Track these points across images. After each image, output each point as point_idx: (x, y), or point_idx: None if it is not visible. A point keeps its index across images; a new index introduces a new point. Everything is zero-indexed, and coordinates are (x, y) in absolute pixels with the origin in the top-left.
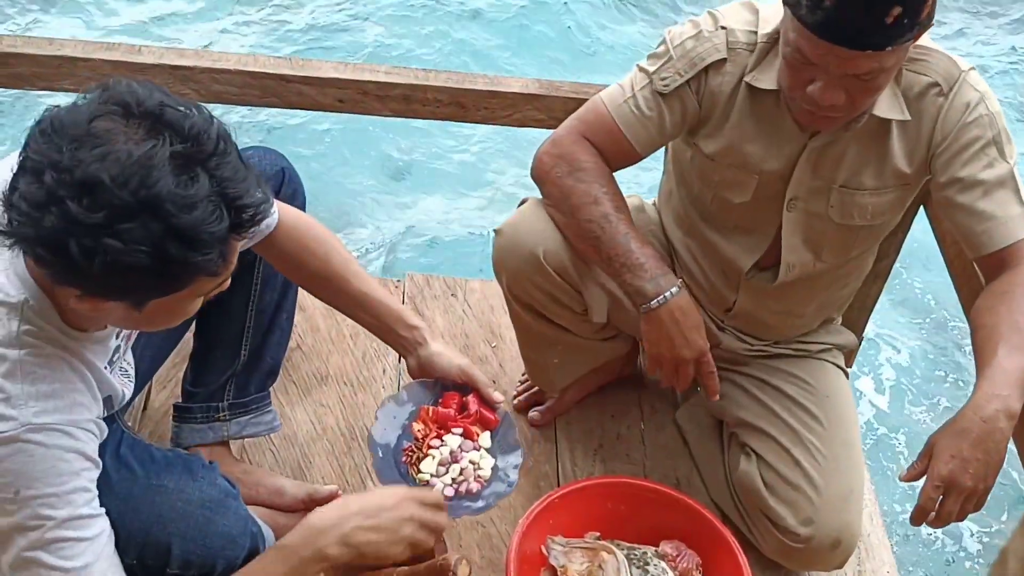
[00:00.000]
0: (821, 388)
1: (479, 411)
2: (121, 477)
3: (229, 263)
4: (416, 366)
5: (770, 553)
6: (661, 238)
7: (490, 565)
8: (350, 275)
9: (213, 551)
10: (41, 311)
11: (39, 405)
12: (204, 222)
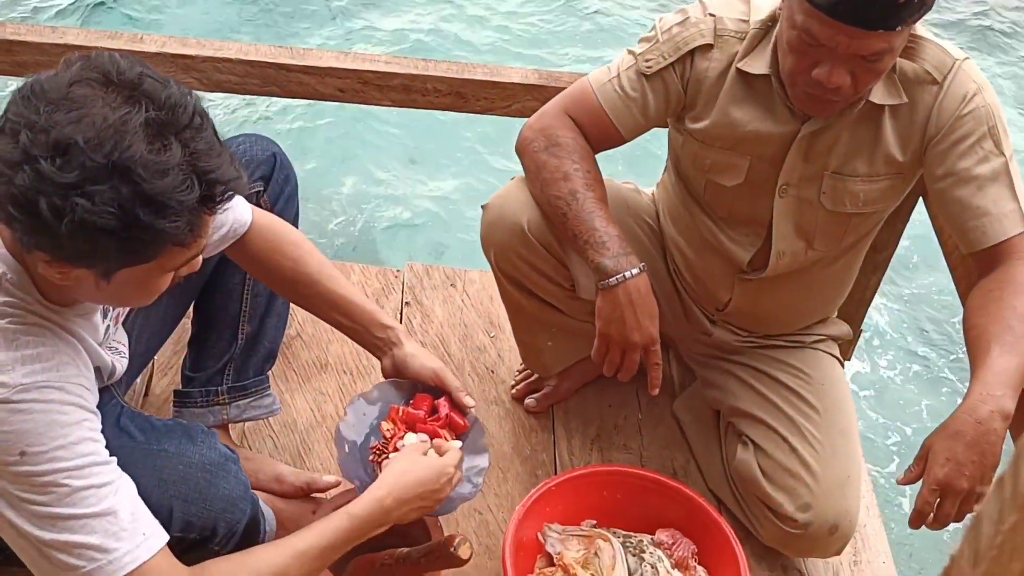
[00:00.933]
0: (817, 376)
1: (449, 415)
2: (121, 444)
3: (199, 236)
4: (390, 367)
5: (768, 540)
6: (656, 229)
7: (487, 551)
8: (324, 278)
9: (214, 513)
10: (20, 284)
11: (26, 367)
12: (174, 189)
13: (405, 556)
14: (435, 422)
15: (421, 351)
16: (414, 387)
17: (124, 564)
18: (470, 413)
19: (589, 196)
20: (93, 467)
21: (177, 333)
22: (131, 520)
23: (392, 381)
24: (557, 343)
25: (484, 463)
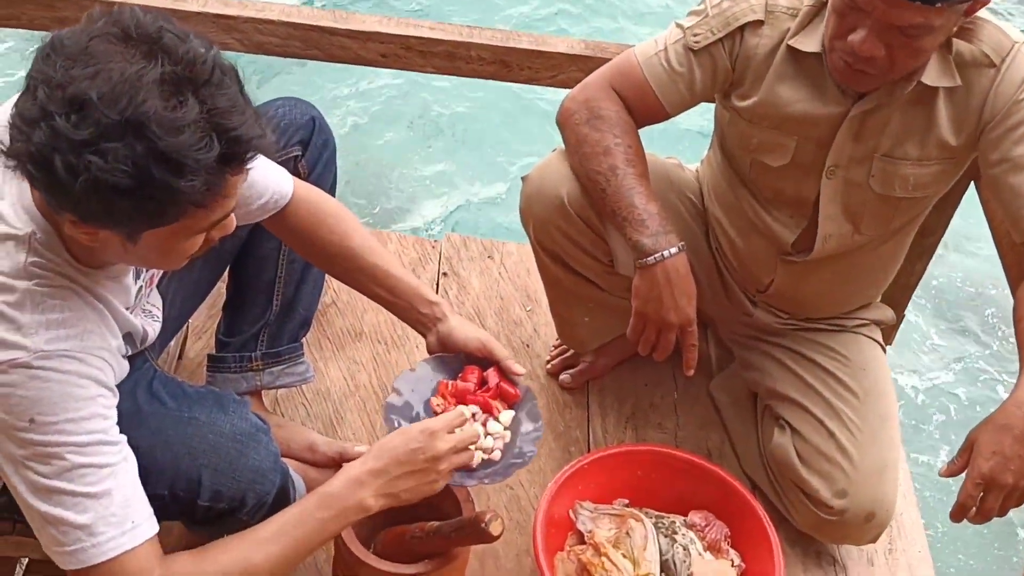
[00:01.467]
0: (857, 361)
1: (499, 385)
2: (153, 410)
3: (222, 196)
4: (435, 342)
5: (803, 526)
6: (699, 206)
7: (517, 527)
8: (366, 252)
9: (243, 484)
10: (49, 244)
11: (50, 333)
12: (190, 147)
13: (435, 530)
14: (485, 393)
15: (466, 323)
16: (461, 360)
17: (106, 550)
18: (521, 382)
19: (629, 172)
20: (99, 446)
21: (212, 297)
22: (123, 506)
23: (438, 356)
24: (594, 319)
25: (537, 433)
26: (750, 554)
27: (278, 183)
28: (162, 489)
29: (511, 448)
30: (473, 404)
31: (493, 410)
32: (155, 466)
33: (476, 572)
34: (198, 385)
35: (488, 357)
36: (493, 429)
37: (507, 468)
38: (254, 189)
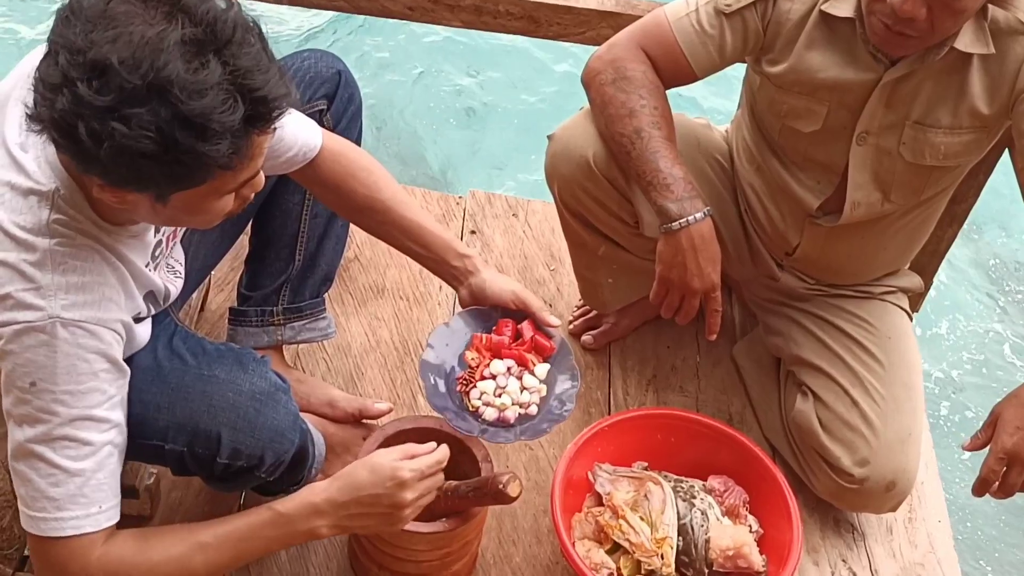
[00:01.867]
0: (883, 329)
1: (534, 338)
2: (173, 367)
3: (248, 158)
4: (468, 296)
5: (823, 493)
6: (727, 167)
7: (536, 487)
8: (397, 204)
9: (261, 443)
10: (72, 201)
11: (69, 298)
12: (214, 110)
13: (454, 489)
14: (520, 347)
15: (498, 275)
16: (495, 313)
17: (65, 527)
18: (556, 334)
19: (655, 135)
20: (88, 421)
21: (235, 250)
22: (95, 489)
23: (472, 310)
24: (617, 280)
25: (574, 387)
26: (768, 520)
27: (306, 136)
28: (181, 445)
29: (547, 402)
30: (508, 358)
31: (528, 364)
32: (174, 423)
33: (493, 531)
34: (219, 342)
35: (522, 309)
36: (529, 383)
37: (545, 424)
38: (282, 143)
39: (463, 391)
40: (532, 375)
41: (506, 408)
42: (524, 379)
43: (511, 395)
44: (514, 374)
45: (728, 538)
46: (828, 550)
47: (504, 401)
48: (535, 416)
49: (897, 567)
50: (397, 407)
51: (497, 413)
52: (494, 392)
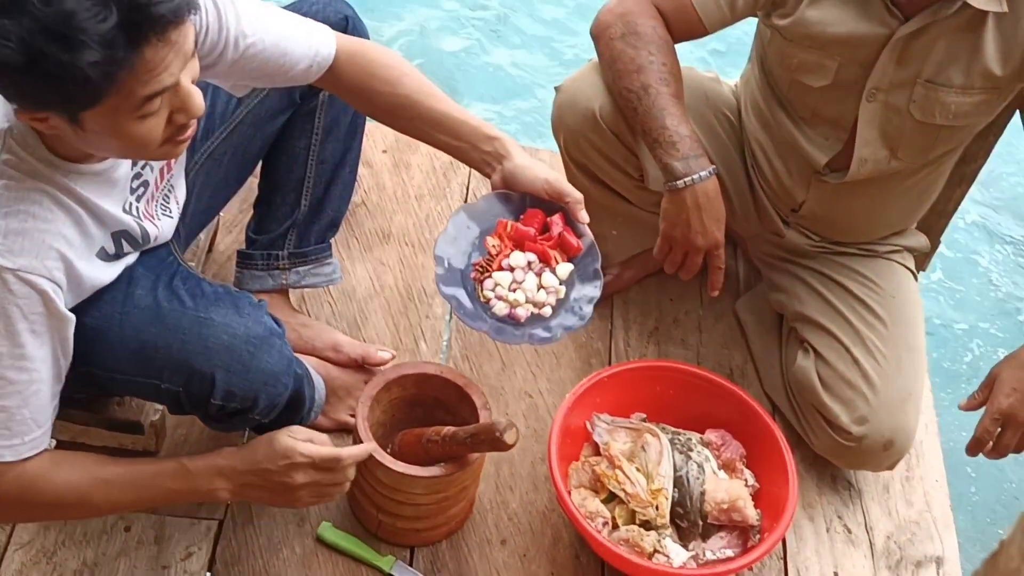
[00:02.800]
0: (887, 288)
1: (561, 234)
2: (172, 308)
3: (143, 71)
4: (500, 182)
5: (821, 450)
6: (735, 123)
7: (534, 435)
8: (424, 97)
9: (255, 386)
10: (24, 141)
11: (6, 243)
12: (74, 16)
13: (451, 436)
14: (546, 241)
15: (533, 162)
16: (525, 202)
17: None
18: (586, 235)
19: (663, 91)
20: (16, 360)
21: (244, 192)
22: (19, 423)
23: (501, 193)
24: (622, 232)
25: (595, 292)
26: (765, 475)
27: (318, 45)
28: (177, 385)
29: (564, 305)
30: (531, 251)
31: (551, 260)
32: (170, 363)
33: (491, 477)
34: (217, 284)
35: (555, 199)
36: (548, 282)
37: (557, 329)
38: (288, 57)
39: (477, 279)
40: (553, 274)
41: (518, 305)
42: (543, 277)
43: (526, 292)
44: (534, 270)
45: (723, 491)
46: (824, 506)
47: (518, 297)
48: (548, 318)
49: (892, 525)
50: (400, 352)
51: (508, 308)
52: (509, 285)
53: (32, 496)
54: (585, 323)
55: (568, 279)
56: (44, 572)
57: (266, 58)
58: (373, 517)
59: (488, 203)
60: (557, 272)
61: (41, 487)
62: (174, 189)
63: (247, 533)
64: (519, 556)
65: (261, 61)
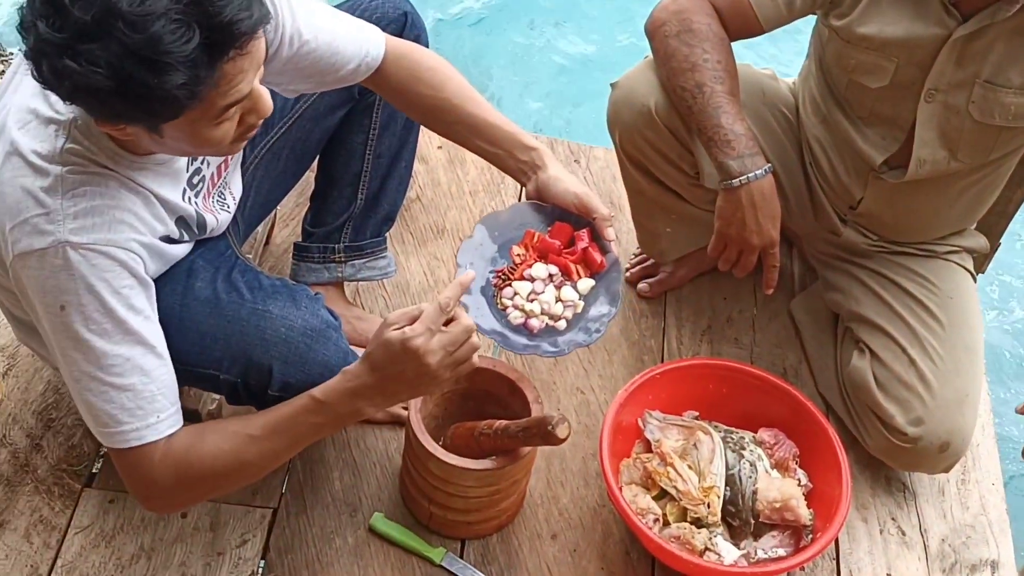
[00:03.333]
0: (945, 289)
1: (586, 249)
2: (230, 300)
3: (225, 84)
4: (533, 191)
5: (875, 451)
6: (792, 120)
7: (585, 431)
8: (464, 101)
9: (311, 377)
10: (88, 132)
11: (77, 223)
12: (162, 42)
13: (503, 429)
14: (569, 255)
15: (567, 175)
16: (555, 214)
17: (129, 439)
18: (610, 253)
19: (717, 89)
20: (125, 336)
21: (301, 185)
22: (149, 400)
23: (531, 203)
24: (676, 230)
25: (610, 310)
26: (818, 475)
27: (368, 46)
28: (235, 376)
29: (578, 321)
30: (554, 264)
31: (573, 275)
32: (229, 354)
33: (542, 471)
34: (275, 277)
35: (583, 214)
36: (567, 296)
37: (566, 345)
38: (340, 56)
39: (497, 285)
40: (573, 288)
41: (533, 316)
42: (563, 291)
43: (543, 304)
44: (554, 282)
45: (776, 490)
46: (878, 508)
47: (533, 308)
48: (561, 332)
49: (947, 528)
50: None
51: (523, 318)
52: (527, 295)
53: (188, 473)
54: (595, 340)
55: (588, 295)
56: (103, 556)
57: (318, 56)
58: (425, 509)
59: (516, 212)
60: (577, 287)
61: (194, 461)
62: (229, 184)
63: (300, 522)
64: (569, 551)
65: (313, 59)
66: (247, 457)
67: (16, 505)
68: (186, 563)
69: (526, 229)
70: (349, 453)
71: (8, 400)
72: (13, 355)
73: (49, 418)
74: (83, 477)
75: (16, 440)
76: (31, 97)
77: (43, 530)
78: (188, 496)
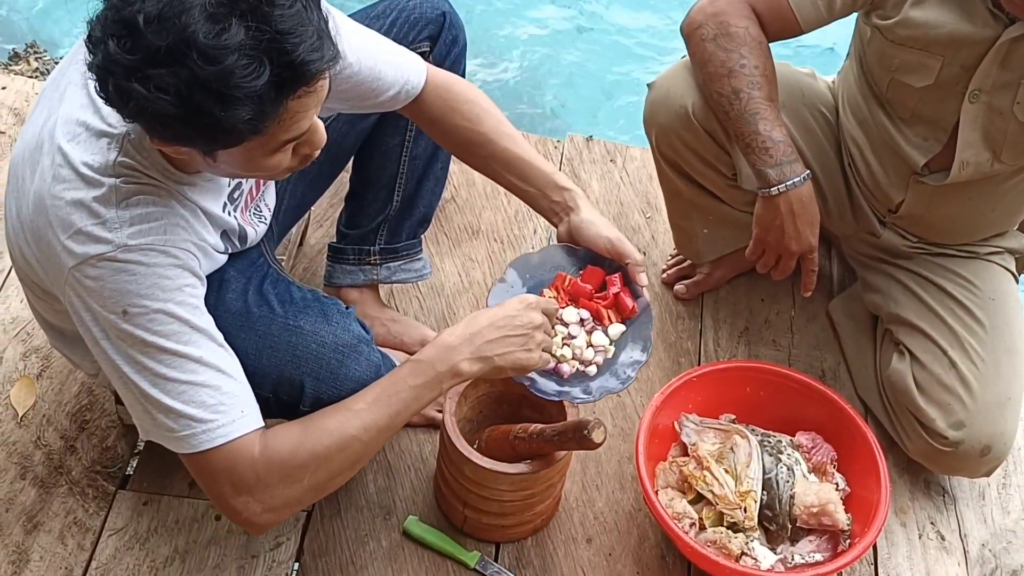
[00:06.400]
0: (987, 290)
1: (618, 294)
2: (261, 314)
3: (287, 121)
4: (565, 234)
5: (915, 454)
6: (831, 120)
7: (621, 434)
8: (499, 137)
9: (343, 393)
10: (141, 146)
11: (133, 228)
12: (233, 76)
13: (539, 432)
14: (601, 300)
15: (600, 218)
16: (587, 257)
17: (214, 437)
18: (641, 298)
19: (755, 95)
20: (193, 334)
21: (335, 186)
22: (230, 396)
23: (563, 246)
24: (712, 231)
25: (642, 358)
26: (856, 479)
27: (409, 73)
28: (266, 392)
29: (609, 366)
30: (585, 308)
31: (604, 320)
32: (260, 369)
33: (577, 475)
34: (306, 289)
35: (615, 259)
36: (597, 341)
37: (597, 391)
38: (381, 82)
39: None
40: (604, 334)
41: (564, 361)
42: (594, 336)
43: (574, 348)
44: (585, 327)
45: (813, 495)
46: (917, 512)
47: (564, 353)
48: (591, 377)
49: (987, 532)
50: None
51: (553, 363)
52: (560, 341)
53: (292, 461)
54: (626, 386)
55: (618, 340)
56: (137, 558)
57: (360, 80)
58: (459, 512)
59: (548, 254)
60: (609, 332)
61: (299, 447)
62: (264, 196)
63: (335, 525)
64: (604, 555)
65: (355, 83)
66: (351, 432)
67: (50, 507)
68: (220, 566)
69: (557, 272)
70: (383, 456)
71: (42, 402)
72: (47, 356)
73: (83, 420)
74: (117, 479)
75: (50, 442)
76: (80, 109)
77: (77, 532)
78: (291, 492)
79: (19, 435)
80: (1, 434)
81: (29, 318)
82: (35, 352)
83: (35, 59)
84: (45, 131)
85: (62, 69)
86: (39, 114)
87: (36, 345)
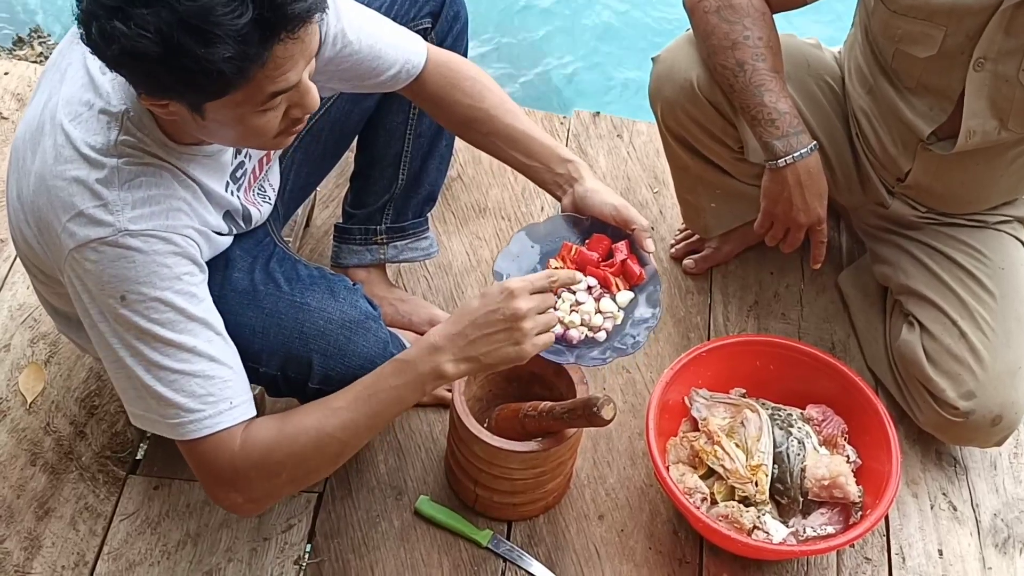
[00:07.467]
0: (996, 260)
1: (625, 261)
2: (268, 292)
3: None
4: (569, 205)
5: (926, 425)
6: (838, 91)
7: (632, 410)
8: (502, 113)
9: (352, 369)
10: (140, 123)
11: (135, 211)
12: (214, 12)
13: (548, 410)
14: (608, 267)
15: (604, 187)
16: (592, 226)
17: (200, 428)
18: (649, 264)
19: (759, 67)
20: (189, 322)
21: (341, 166)
22: (220, 387)
23: (568, 216)
24: (720, 205)
25: (652, 322)
26: (867, 451)
27: (409, 52)
28: (274, 370)
29: (619, 332)
30: (592, 276)
31: (612, 287)
32: (268, 347)
33: (588, 452)
34: (313, 266)
35: (622, 226)
36: (606, 307)
37: (608, 352)
38: (381, 61)
39: None
40: (612, 300)
41: (573, 327)
42: (602, 302)
43: (583, 315)
44: (594, 295)
45: (824, 468)
46: (928, 483)
47: (573, 319)
48: (601, 343)
49: (999, 502)
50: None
51: (562, 330)
52: (568, 307)
53: (271, 457)
54: (638, 349)
55: (627, 307)
56: (148, 542)
57: (360, 59)
58: (470, 491)
59: (554, 224)
60: (617, 299)
61: (276, 444)
62: (268, 176)
63: (346, 506)
64: (616, 531)
65: (355, 62)
66: (329, 430)
67: (61, 492)
68: (232, 548)
69: (563, 241)
70: (393, 436)
71: (51, 388)
72: (55, 343)
73: (92, 405)
74: (127, 464)
75: (60, 428)
76: (81, 89)
77: (89, 517)
78: (270, 486)
79: (28, 421)
80: (11, 421)
81: (36, 304)
82: (43, 338)
83: (39, 43)
84: (47, 112)
85: (62, 50)
86: (40, 95)
87: (43, 331)
